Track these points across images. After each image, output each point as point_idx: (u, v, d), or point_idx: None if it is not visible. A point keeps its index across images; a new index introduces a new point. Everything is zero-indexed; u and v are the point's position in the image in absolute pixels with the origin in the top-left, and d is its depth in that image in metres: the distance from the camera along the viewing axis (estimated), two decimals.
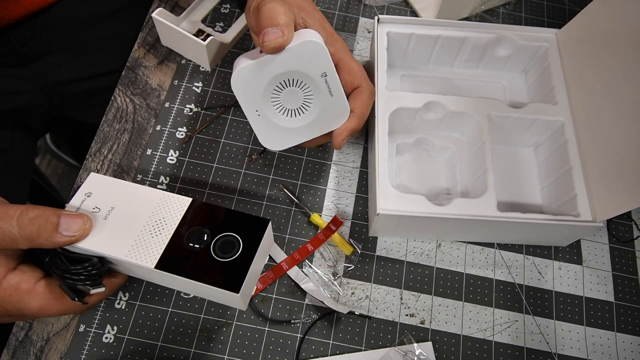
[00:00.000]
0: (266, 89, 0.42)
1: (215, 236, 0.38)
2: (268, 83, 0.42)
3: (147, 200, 0.40)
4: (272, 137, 0.46)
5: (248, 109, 0.43)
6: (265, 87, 0.42)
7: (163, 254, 0.37)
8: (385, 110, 0.50)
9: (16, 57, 0.58)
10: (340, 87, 0.44)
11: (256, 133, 0.45)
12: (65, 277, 0.36)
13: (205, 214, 0.39)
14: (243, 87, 0.42)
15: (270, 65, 0.41)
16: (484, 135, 0.49)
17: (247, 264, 0.37)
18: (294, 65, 0.41)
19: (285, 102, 0.44)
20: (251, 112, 0.44)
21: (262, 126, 0.45)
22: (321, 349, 0.45)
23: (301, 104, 0.44)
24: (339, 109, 0.45)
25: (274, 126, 0.45)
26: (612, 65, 0.47)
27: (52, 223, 0.35)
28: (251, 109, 0.43)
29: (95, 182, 0.41)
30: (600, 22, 0.49)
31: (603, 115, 0.47)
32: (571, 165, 0.49)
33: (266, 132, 0.45)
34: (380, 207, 0.45)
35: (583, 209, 0.47)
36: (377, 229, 0.48)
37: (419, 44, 0.55)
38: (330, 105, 0.44)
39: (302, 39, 0.40)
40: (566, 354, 0.47)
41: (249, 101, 0.43)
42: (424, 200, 0.45)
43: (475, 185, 0.50)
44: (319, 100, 0.44)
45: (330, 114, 0.45)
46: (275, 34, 0.39)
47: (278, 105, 0.44)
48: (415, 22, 0.54)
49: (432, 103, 0.50)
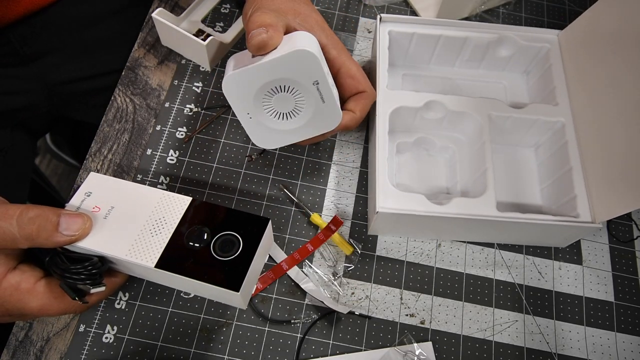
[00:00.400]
0: (257, 94, 0.42)
1: (215, 235, 0.38)
2: (259, 89, 0.42)
3: (147, 199, 0.40)
4: (264, 137, 0.46)
5: (239, 112, 0.44)
6: (256, 93, 0.42)
7: (163, 253, 0.37)
8: (385, 109, 0.50)
9: (16, 56, 0.58)
10: (332, 93, 0.43)
11: (248, 134, 0.46)
12: (66, 276, 0.36)
13: (205, 213, 0.39)
14: (234, 92, 0.42)
15: (261, 72, 0.40)
16: (484, 135, 0.49)
17: (248, 262, 0.37)
18: (285, 73, 0.41)
19: (277, 106, 0.44)
20: (243, 115, 0.44)
21: (253, 127, 0.45)
22: (321, 349, 0.45)
23: (292, 109, 0.44)
24: (331, 114, 0.44)
25: (265, 128, 0.45)
26: (613, 67, 0.47)
27: (52, 222, 0.35)
28: (243, 112, 0.44)
29: (95, 181, 0.41)
30: (603, 24, 0.49)
31: (604, 117, 0.47)
32: (571, 166, 0.49)
33: (258, 133, 0.46)
34: (380, 205, 0.45)
35: (582, 210, 0.47)
36: (376, 228, 0.48)
37: (421, 44, 0.55)
38: (322, 110, 0.44)
39: (293, 46, 0.40)
40: (566, 354, 0.47)
41: (240, 104, 0.43)
42: (423, 199, 0.45)
43: (475, 185, 0.50)
44: (311, 106, 0.44)
45: (322, 118, 0.45)
46: (259, 32, 0.39)
47: (269, 108, 0.44)
48: (417, 22, 0.54)
49: (432, 102, 0.50)
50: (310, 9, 0.45)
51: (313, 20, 0.44)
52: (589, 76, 0.50)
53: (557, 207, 0.50)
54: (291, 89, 0.42)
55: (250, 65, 0.40)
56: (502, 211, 0.46)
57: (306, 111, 0.44)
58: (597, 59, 0.49)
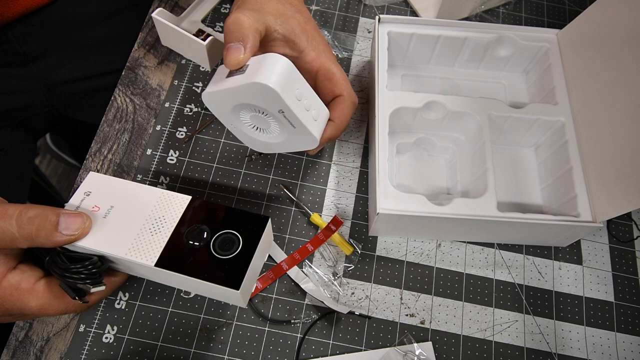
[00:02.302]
0: (233, 111, 0.43)
1: (215, 234, 0.38)
2: (233, 108, 0.43)
3: (147, 198, 0.40)
4: (252, 143, 0.48)
5: (224, 122, 0.46)
6: (231, 110, 0.43)
7: (163, 252, 0.37)
8: (385, 110, 0.50)
9: (16, 56, 0.58)
10: (301, 120, 0.41)
11: (239, 139, 0.47)
12: (66, 276, 0.36)
13: (205, 211, 0.39)
14: (214, 107, 0.44)
15: (228, 95, 0.41)
16: (484, 135, 0.49)
17: (248, 260, 0.37)
18: (249, 100, 0.41)
19: (255, 122, 0.45)
20: (227, 124, 0.46)
21: (240, 134, 0.47)
22: (321, 349, 0.45)
23: (268, 128, 0.44)
24: (304, 138, 0.44)
25: (250, 137, 0.47)
26: (613, 66, 0.47)
27: (52, 222, 0.35)
28: (227, 122, 0.46)
29: (94, 181, 0.41)
30: (602, 23, 0.49)
31: (604, 116, 0.47)
32: (571, 165, 0.49)
33: (246, 139, 0.48)
34: (380, 206, 0.45)
35: (583, 210, 0.47)
36: (377, 229, 0.48)
37: (420, 44, 0.55)
38: (295, 134, 0.43)
39: (254, 76, 0.39)
40: (566, 354, 0.47)
41: (221, 117, 0.45)
42: (424, 200, 0.45)
43: (476, 185, 0.50)
44: (284, 129, 0.44)
45: (298, 139, 0.44)
46: (237, 50, 0.39)
47: (248, 123, 0.45)
48: (417, 22, 0.54)
49: (432, 103, 0.50)
50: (294, 10, 0.44)
51: (295, 22, 0.43)
52: (588, 75, 0.50)
53: (558, 206, 0.50)
54: (262, 111, 0.42)
55: (221, 87, 0.41)
56: (502, 211, 0.46)
57: (281, 132, 0.44)
58: (596, 58, 0.49)
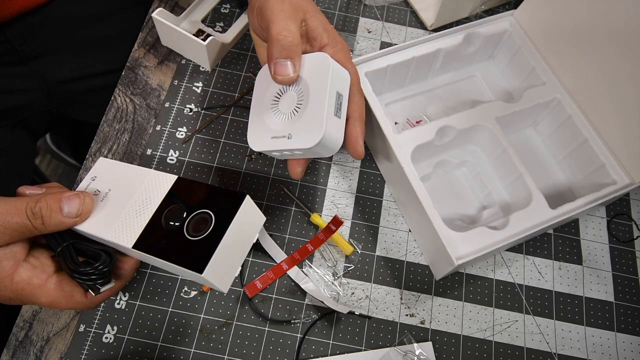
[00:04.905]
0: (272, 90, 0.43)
1: (190, 214, 0.36)
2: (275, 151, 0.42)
3: (139, 180, 0.39)
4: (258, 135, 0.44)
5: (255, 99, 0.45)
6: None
7: (142, 234, 0.36)
8: (405, 155, 0.47)
9: (15, 55, 0.58)
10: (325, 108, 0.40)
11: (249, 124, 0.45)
12: (75, 277, 0.36)
13: (187, 191, 0.38)
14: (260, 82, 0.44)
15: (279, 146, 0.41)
16: (502, 142, 0.49)
17: (216, 242, 0.34)
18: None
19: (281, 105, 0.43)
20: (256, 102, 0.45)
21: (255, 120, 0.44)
22: (321, 349, 0.45)
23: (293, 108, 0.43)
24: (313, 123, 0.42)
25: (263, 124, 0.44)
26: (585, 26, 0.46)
27: (57, 209, 0.37)
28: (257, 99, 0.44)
29: (102, 166, 0.41)
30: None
31: (597, 81, 0.47)
32: (586, 137, 0.49)
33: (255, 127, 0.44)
34: (455, 257, 0.43)
35: (617, 175, 0.48)
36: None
37: (395, 72, 0.53)
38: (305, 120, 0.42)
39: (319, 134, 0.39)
40: (566, 354, 0.47)
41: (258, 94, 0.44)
42: (484, 231, 0.44)
43: (512, 190, 0.50)
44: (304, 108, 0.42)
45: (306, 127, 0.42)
46: (287, 69, 0.40)
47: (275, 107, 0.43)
48: (388, 52, 0.52)
49: (443, 128, 0.49)
50: (316, 9, 0.45)
51: (318, 20, 0.44)
52: (564, 45, 0.49)
53: (584, 177, 0.51)
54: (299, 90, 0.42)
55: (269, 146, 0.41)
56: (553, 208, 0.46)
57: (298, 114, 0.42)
58: (564, 24, 0.48)
